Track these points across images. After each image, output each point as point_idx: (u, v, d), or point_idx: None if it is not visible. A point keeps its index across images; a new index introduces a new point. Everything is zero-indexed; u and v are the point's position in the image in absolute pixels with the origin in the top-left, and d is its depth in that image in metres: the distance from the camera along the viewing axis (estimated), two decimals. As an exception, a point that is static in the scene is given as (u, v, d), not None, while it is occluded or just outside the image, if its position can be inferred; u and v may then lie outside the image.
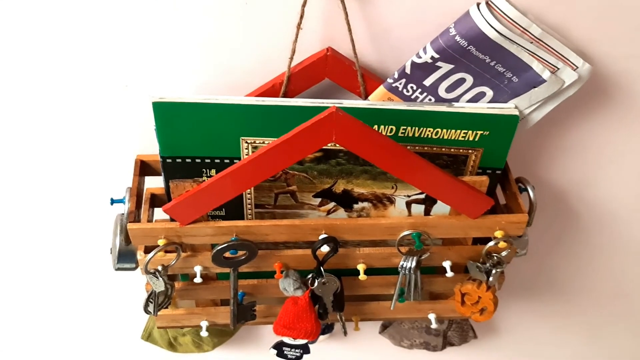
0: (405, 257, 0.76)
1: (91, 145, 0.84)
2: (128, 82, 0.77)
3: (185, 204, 0.69)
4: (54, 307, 1.09)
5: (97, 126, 0.82)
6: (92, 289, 1.05)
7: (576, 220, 1.00)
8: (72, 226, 0.94)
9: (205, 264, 0.76)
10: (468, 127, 0.71)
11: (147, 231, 0.72)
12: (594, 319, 1.20)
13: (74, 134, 0.83)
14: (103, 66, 0.76)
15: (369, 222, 0.73)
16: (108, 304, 1.09)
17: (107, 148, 0.84)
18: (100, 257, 0.97)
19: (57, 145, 0.84)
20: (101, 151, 0.84)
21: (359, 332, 1.17)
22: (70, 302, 1.08)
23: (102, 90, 0.78)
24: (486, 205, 0.72)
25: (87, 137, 0.83)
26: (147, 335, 1.07)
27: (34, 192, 0.90)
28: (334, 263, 0.78)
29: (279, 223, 0.72)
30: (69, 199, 0.90)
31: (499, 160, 0.75)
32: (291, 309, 0.76)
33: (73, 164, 0.86)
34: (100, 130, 0.82)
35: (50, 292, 1.06)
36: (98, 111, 0.80)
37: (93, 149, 0.84)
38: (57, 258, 1.00)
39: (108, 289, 1.06)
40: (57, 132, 0.82)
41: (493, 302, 0.79)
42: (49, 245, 0.98)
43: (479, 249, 0.77)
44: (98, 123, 0.81)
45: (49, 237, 0.96)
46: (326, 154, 0.75)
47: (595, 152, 0.89)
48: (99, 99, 0.79)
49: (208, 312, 0.86)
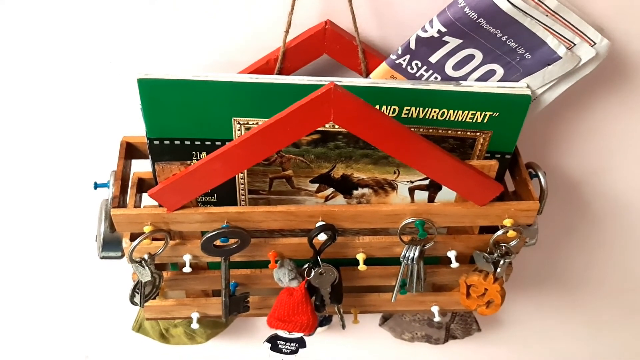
0: (408, 247, 0.71)
1: (74, 126, 0.79)
2: (112, 58, 0.72)
3: (172, 189, 0.64)
4: (37, 298, 1.05)
5: (80, 106, 0.77)
6: (79, 279, 1.01)
7: (588, 211, 0.95)
8: (55, 213, 0.89)
9: (194, 253, 0.72)
10: (476, 107, 0.67)
11: (132, 217, 0.67)
12: (602, 313, 1.16)
13: (55, 113, 0.78)
14: (86, 41, 0.71)
15: (369, 209, 0.69)
16: (96, 294, 1.05)
17: (91, 129, 0.79)
18: (86, 245, 0.92)
19: (37, 127, 0.79)
20: (85, 132, 0.79)
21: (358, 325, 1.13)
22: (56, 293, 1.04)
23: (85, 66, 0.73)
24: (495, 191, 0.67)
25: (69, 117, 0.78)
26: (138, 326, 1.03)
27: (13, 177, 0.85)
28: (331, 252, 0.73)
29: (273, 209, 0.68)
30: (51, 183, 0.86)
31: (509, 144, 0.70)
32: (286, 300, 0.72)
33: (55, 146, 0.81)
34: (84, 110, 0.77)
35: (33, 282, 1.02)
36: (81, 89, 0.75)
37: (76, 130, 0.79)
38: (40, 247, 0.95)
39: (96, 278, 1.01)
40: (37, 112, 0.78)
41: (500, 294, 0.74)
42: (31, 234, 0.93)
43: (486, 238, 0.73)
44: (81, 102, 0.77)
45: (31, 224, 0.92)
46: (324, 136, 0.70)
47: (611, 139, 0.84)
48: (82, 76, 0.74)
49: (199, 303, 0.81)
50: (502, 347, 1.21)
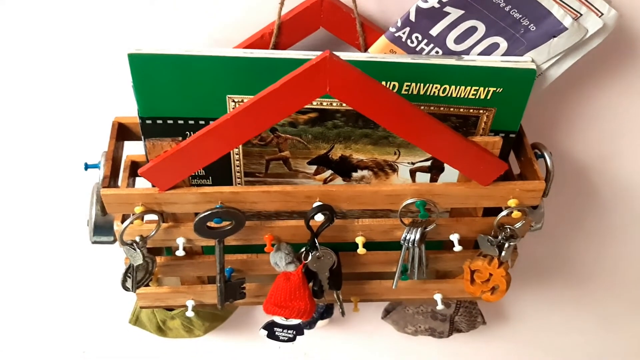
0: (409, 229, 0.69)
1: (65, 107, 0.77)
2: (102, 33, 0.70)
3: (164, 166, 0.62)
4: (28, 290, 1.02)
5: (70, 84, 0.75)
6: (72, 269, 0.99)
7: (596, 199, 0.92)
8: (46, 198, 0.87)
9: (188, 236, 0.69)
10: (479, 83, 0.64)
11: (122, 197, 0.65)
12: (612, 307, 1.13)
13: (45, 94, 0.76)
14: (76, 17, 0.69)
15: (368, 189, 0.66)
16: (91, 287, 1.03)
17: (82, 110, 0.77)
18: (78, 234, 0.90)
19: (26, 108, 0.77)
20: (76, 114, 0.77)
21: (361, 318, 1.11)
22: (49, 285, 1.01)
23: (74, 42, 0.71)
24: (499, 170, 0.65)
25: (59, 96, 0.76)
26: (135, 319, 1.01)
27: (1, 161, 0.83)
28: (330, 236, 0.71)
29: (269, 189, 0.66)
30: (42, 167, 0.83)
31: (513, 121, 0.68)
32: (283, 285, 0.70)
33: (45, 128, 0.79)
34: (75, 90, 0.75)
35: (24, 272, 0.99)
36: (71, 68, 0.73)
37: (67, 111, 0.77)
38: (30, 235, 0.93)
39: (91, 270, 0.99)
40: (26, 92, 0.75)
41: (505, 279, 0.72)
42: (21, 219, 0.91)
43: (490, 221, 0.70)
44: (72, 82, 0.75)
45: (21, 212, 0.89)
46: (322, 114, 0.68)
47: (620, 121, 0.81)
48: (72, 54, 0.72)
49: (194, 290, 0.79)
50: (508, 341, 1.18)
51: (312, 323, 1.01)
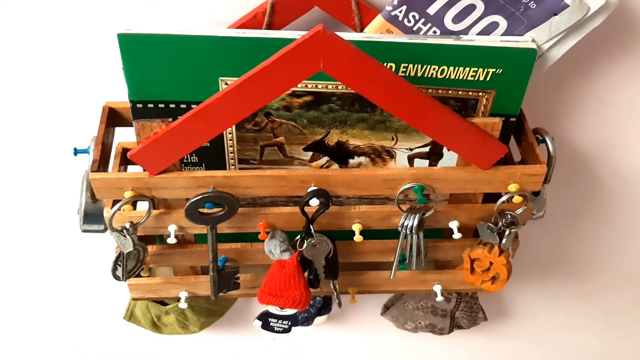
0: (407, 215, 0.67)
1: (54, 91, 0.75)
2: (92, 15, 0.68)
3: (154, 149, 0.60)
4: (18, 282, 1.00)
5: (60, 68, 0.73)
6: (64, 261, 0.97)
7: (599, 189, 0.90)
8: (36, 187, 0.85)
9: (180, 223, 0.68)
10: (478, 63, 0.63)
11: (112, 182, 0.63)
12: (615, 303, 1.11)
13: (35, 79, 0.74)
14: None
15: (364, 173, 0.64)
16: (84, 281, 1.01)
17: (72, 95, 0.75)
18: (69, 223, 0.88)
19: (15, 93, 0.75)
20: (66, 100, 0.75)
21: (359, 315, 1.08)
22: (39, 276, 0.99)
23: (64, 24, 0.69)
24: (499, 152, 0.63)
25: (48, 81, 0.74)
26: (130, 315, 0.99)
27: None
28: (326, 224, 0.69)
29: (262, 173, 0.64)
30: (31, 155, 0.82)
31: (514, 104, 0.66)
32: (277, 273, 0.68)
33: (35, 114, 0.77)
34: (65, 74, 0.74)
35: (13, 264, 0.97)
36: (61, 52, 0.72)
37: (56, 96, 0.75)
38: (19, 225, 0.91)
39: (83, 262, 0.97)
40: (15, 76, 0.74)
41: (506, 268, 0.70)
42: (10, 210, 0.89)
43: (489, 207, 0.68)
44: (61, 65, 0.73)
45: (9, 200, 0.88)
46: (317, 98, 0.66)
47: (623, 109, 0.79)
48: (62, 37, 0.70)
49: (187, 281, 0.77)
50: (510, 338, 1.16)
51: (309, 319, 0.99)
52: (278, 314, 0.71)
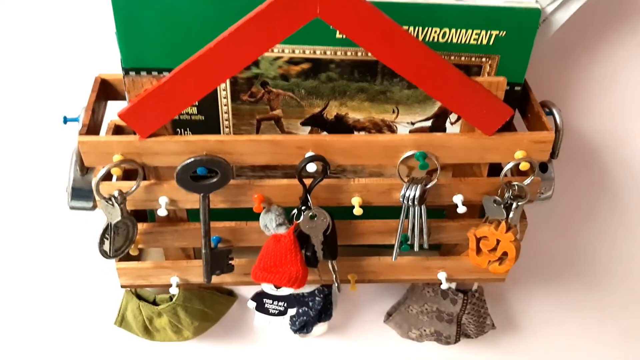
0: (408, 185, 0.64)
1: (45, 63, 0.73)
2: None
3: (144, 107, 0.58)
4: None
5: (52, 38, 0.71)
6: (54, 260, 0.93)
7: (610, 183, 0.87)
8: (26, 170, 0.83)
9: (171, 195, 0.65)
10: (481, 25, 0.61)
11: (100, 146, 0.60)
12: (635, 316, 1.05)
13: (27, 52, 0.72)
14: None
15: (364, 139, 0.62)
16: (74, 286, 0.97)
17: (64, 67, 0.73)
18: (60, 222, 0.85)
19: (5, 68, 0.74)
20: (58, 71, 0.74)
21: (361, 323, 1.04)
22: (26, 278, 0.95)
23: None
24: (504, 115, 0.60)
25: (38, 52, 0.72)
26: (121, 319, 0.95)
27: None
28: (324, 198, 0.66)
29: (258, 138, 0.61)
30: (19, 133, 0.79)
31: (518, 71, 0.64)
32: (273, 247, 0.64)
33: (23, 90, 0.75)
34: (56, 44, 0.72)
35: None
36: (52, 19, 0.70)
37: (47, 68, 0.73)
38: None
39: (72, 262, 0.94)
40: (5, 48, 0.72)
41: (514, 245, 0.66)
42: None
43: (495, 181, 0.65)
44: (53, 34, 0.71)
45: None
46: (315, 65, 0.64)
47: (635, 90, 0.77)
48: (53, 6, 0.69)
49: (179, 266, 0.73)
50: (519, 350, 1.10)
51: (309, 326, 0.94)
52: (273, 294, 0.67)
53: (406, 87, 0.66)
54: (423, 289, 0.93)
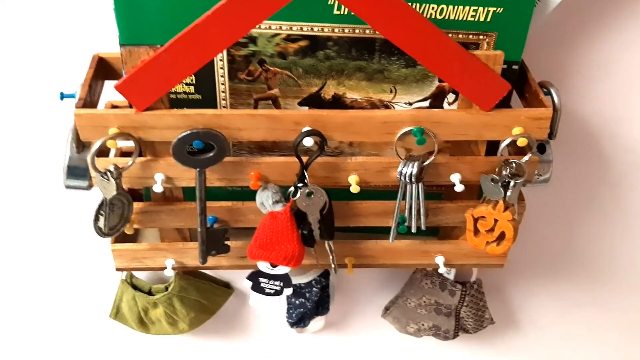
0: (405, 162, 0.63)
1: (42, 42, 0.73)
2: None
3: (141, 78, 0.58)
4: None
5: (49, 17, 0.71)
6: (48, 248, 0.93)
7: (609, 170, 0.86)
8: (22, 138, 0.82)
9: (167, 172, 0.64)
10: (478, 1, 0.61)
11: (96, 119, 0.60)
12: (636, 310, 1.04)
13: (22, 27, 0.72)
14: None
15: (361, 114, 0.62)
16: (69, 281, 0.96)
17: (61, 46, 0.73)
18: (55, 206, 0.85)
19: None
20: (55, 51, 0.74)
21: (359, 319, 1.03)
22: (20, 266, 0.95)
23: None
24: (502, 90, 0.60)
25: (35, 31, 0.73)
26: (116, 311, 0.94)
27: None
28: (321, 177, 0.66)
29: (255, 112, 0.61)
30: (16, 113, 0.79)
31: (516, 49, 0.64)
32: (269, 224, 0.64)
33: (20, 66, 0.75)
34: (54, 24, 0.72)
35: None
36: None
37: (45, 47, 0.73)
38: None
39: (68, 254, 0.93)
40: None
41: (512, 225, 0.65)
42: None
43: (493, 160, 0.65)
44: (51, 13, 0.71)
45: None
46: (313, 43, 0.64)
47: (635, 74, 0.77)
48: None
49: (175, 248, 0.73)
50: (518, 347, 1.09)
51: (306, 320, 0.94)
52: (269, 273, 0.66)
53: (404, 66, 0.66)
54: (421, 281, 0.93)
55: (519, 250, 0.93)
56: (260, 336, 1.04)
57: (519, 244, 0.91)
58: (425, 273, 0.92)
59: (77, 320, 1.01)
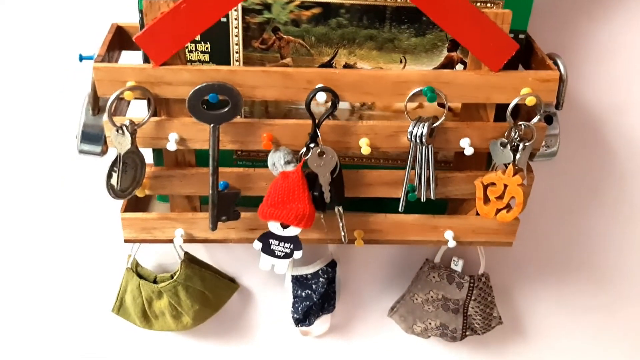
0: (415, 123, 0.64)
1: (61, 11, 0.75)
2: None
3: (160, 30, 0.59)
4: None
5: None
6: (50, 239, 0.92)
7: (614, 164, 0.87)
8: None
9: (181, 133, 0.65)
10: (485, -32, 0.64)
11: (114, 73, 0.62)
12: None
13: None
14: None
15: (373, 74, 0.63)
16: (71, 276, 0.95)
17: (81, 16, 0.75)
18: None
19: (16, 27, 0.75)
20: (74, 21, 0.75)
21: (365, 319, 1.01)
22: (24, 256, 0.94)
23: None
24: (510, 49, 0.62)
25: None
26: (119, 305, 0.93)
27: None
28: (332, 141, 0.67)
29: (269, 69, 0.63)
30: (33, 82, 0.80)
31: (522, 17, 0.66)
32: (280, 183, 0.64)
33: (35, 36, 0.77)
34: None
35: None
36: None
37: (64, 17, 0.76)
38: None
39: (72, 249, 0.93)
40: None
41: (522, 189, 0.66)
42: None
43: (502, 126, 0.66)
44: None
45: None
46: (326, 10, 0.66)
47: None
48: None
49: (184, 218, 0.73)
50: (527, 353, 1.07)
51: (311, 317, 0.92)
52: (280, 234, 0.66)
53: (413, 35, 0.68)
54: (428, 274, 0.92)
55: (522, 252, 0.94)
56: (263, 338, 1.02)
57: (524, 246, 0.91)
58: (433, 266, 0.92)
59: (78, 319, 1.00)
